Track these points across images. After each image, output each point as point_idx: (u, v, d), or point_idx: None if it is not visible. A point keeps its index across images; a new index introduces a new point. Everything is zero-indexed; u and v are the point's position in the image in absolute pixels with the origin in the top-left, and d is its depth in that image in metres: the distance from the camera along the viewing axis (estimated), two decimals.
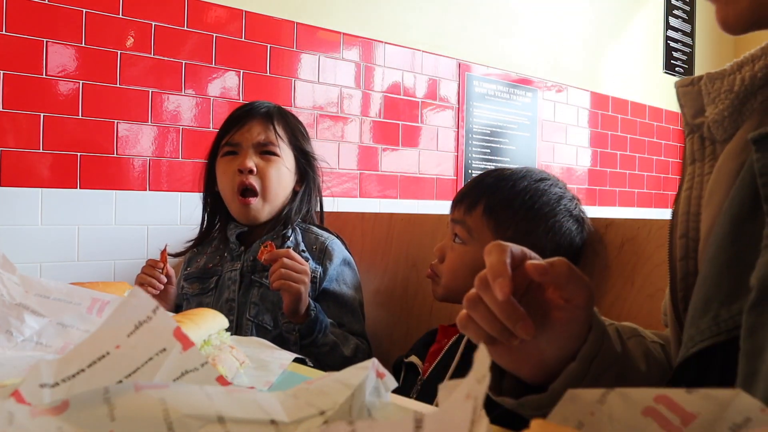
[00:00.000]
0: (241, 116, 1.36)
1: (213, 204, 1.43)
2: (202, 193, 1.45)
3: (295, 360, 0.81)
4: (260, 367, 0.76)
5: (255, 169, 1.31)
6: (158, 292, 1.30)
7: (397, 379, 1.14)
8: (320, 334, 1.16)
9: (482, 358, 0.31)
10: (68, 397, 0.39)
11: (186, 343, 0.42)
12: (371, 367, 0.46)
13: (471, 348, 0.96)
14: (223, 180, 1.36)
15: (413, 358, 1.12)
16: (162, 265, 1.30)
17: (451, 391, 0.36)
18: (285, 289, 1.11)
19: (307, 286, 1.13)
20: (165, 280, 1.30)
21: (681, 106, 0.63)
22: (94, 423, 0.39)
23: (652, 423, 0.34)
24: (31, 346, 0.67)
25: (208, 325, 0.70)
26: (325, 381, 0.45)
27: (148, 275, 1.30)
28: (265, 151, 1.34)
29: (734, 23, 0.52)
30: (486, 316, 0.53)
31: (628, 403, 0.35)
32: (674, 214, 0.62)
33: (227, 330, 0.76)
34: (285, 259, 1.12)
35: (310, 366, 0.96)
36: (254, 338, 0.98)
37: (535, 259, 0.55)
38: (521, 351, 0.55)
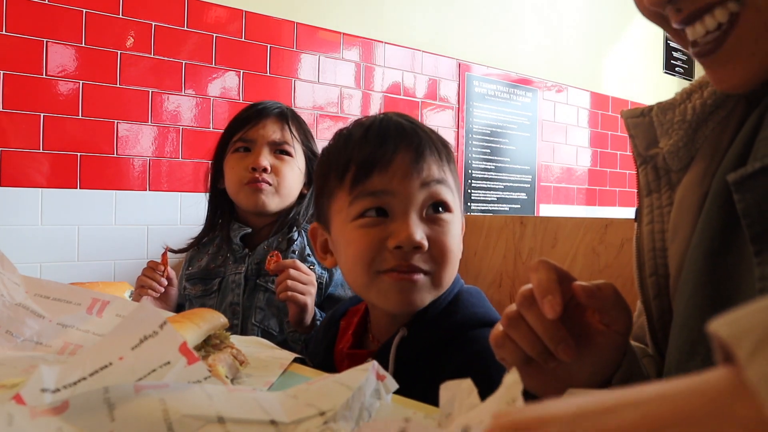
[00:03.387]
0: (255, 114, 1.34)
1: (217, 202, 1.42)
2: (207, 192, 1.44)
3: (295, 360, 0.81)
4: (260, 367, 0.76)
5: (269, 168, 1.30)
6: (159, 295, 1.29)
7: None
8: None
9: (514, 382, 0.30)
10: (68, 398, 0.39)
11: (191, 358, 0.41)
12: (371, 369, 0.46)
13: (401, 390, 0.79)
14: (231, 175, 1.33)
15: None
16: (162, 267, 1.29)
17: (454, 391, 0.36)
18: (291, 300, 1.10)
19: (314, 297, 1.13)
20: (165, 282, 1.29)
21: (631, 137, 0.62)
22: (94, 423, 0.39)
23: None
24: (31, 347, 0.67)
25: (208, 325, 0.70)
26: (325, 382, 0.45)
27: (148, 278, 1.29)
28: (280, 150, 1.33)
29: (741, 86, 0.49)
30: (527, 335, 0.51)
31: None
32: (639, 250, 0.61)
33: (229, 331, 0.76)
34: (291, 270, 1.11)
35: (310, 366, 0.95)
36: (254, 338, 0.97)
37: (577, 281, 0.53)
38: (550, 374, 0.53)
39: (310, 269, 1.27)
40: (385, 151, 0.79)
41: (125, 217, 1.81)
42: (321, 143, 2.18)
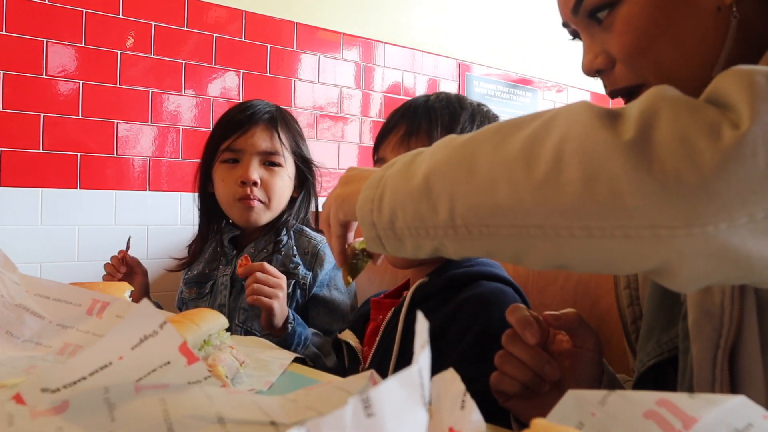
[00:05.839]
0: (244, 121, 1.30)
1: (208, 208, 1.39)
2: (196, 196, 1.41)
3: (295, 360, 0.81)
4: (260, 367, 0.76)
5: (259, 182, 1.28)
6: (117, 280, 1.33)
7: (339, 358, 1.06)
8: (299, 347, 1.14)
9: (422, 328, 0.32)
10: (68, 398, 0.39)
11: (191, 358, 0.41)
12: (369, 377, 0.46)
13: (410, 329, 0.89)
14: (221, 188, 1.31)
15: (348, 335, 1.04)
16: (121, 255, 1.36)
17: (439, 386, 0.36)
18: (257, 304, 1.09)
19: (281, 300, 1.11)
20: (124, 269, 1.35)
21: None
22: (94, 423, 0.39)
23: (653, 425, 0.34)
24: (31, 347, 0.67)
25: (208, 325, 0.70)
26: (324, 388, 0.45)
27: (110, 265, 1.36)
28: (269, 162, 1.30)
29: None
30: (517, 366, 0.62)
31: (630, 405, 0.35)
32: None
33: (228, 331, 0.76)
34: (258, 274, 1.10)
35: (310, 366, 0.95)
36: (254, 338, 0.98)
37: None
38: (548, 404, 0.57)
39: (294, 271, 1.26)
40: (390, 125, 0.96)
41: (125, 217, 1.81)
42: (321, 143, 2.18)
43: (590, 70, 0.61)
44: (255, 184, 1.27)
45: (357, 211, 0.52)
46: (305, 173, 1.38)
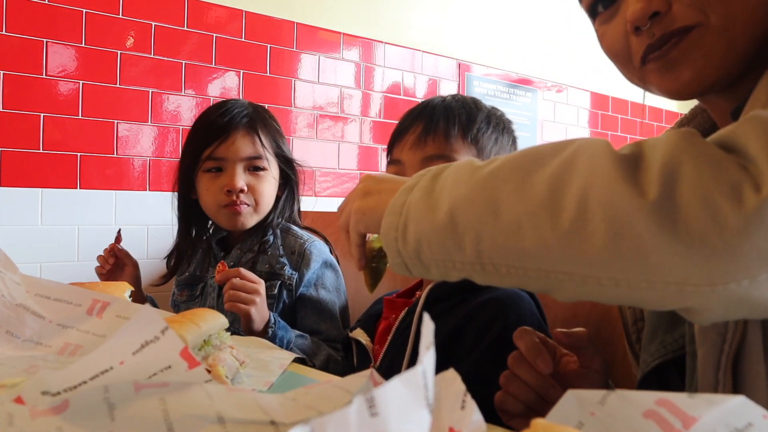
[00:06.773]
0: (223, 128, 1.26)
1: (190, 215, 1.37)
2: (175, 200, 1.38)
3: (295, 360, 0.81)
4: (260, 367, 0.76)
5: (246, 189, 1.26)
6: (105, 272, 1.36)
7: (349, 356, 1.06)
8: None
9: (427, 329, 0.32)
10: (68, 398, 0.39)
11: (192, 362, 0.41)
12: (369, 376, 0.46)
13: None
14: (206, 197, 1.29)
15: (359, 333, 1.04)
16: (111, 246, 1.38)
17: (440, 386, 0.36)
18: (234, 310, 1.08)
19: (259, 305, 1.09)
20: (112, 260, 1.37)
21: None
22: (94, 423, 0.39)
23: (653, 425, 0.34)
24: (31, 347, 0.67)
25: (209, 325, 0.70)
26: (324, 387, 0.45)
27: (102, 257, 1.38)
28: (254, 167, 1.28)
29: (687, 87, 0.58)
30: (522, 388, 0.65)
31: (629, 405, 0.35)
32: None
33: (228, 331, 0.76)
34: (234, 280, 1.08)
35: (310, 366, 0.95)
36: (254, 338, 0.98)
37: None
38: None
39: (280, 271, 1.25)
40: (405, 124, 0.95)
41: (125, 217, 1.81)
42: (321, 143, 2.18)
43: (646, 14, 0.57)
44: (242, 191, 1.26)
45: (381, 237, 0.53)
46: (288, 173, 1.36)
